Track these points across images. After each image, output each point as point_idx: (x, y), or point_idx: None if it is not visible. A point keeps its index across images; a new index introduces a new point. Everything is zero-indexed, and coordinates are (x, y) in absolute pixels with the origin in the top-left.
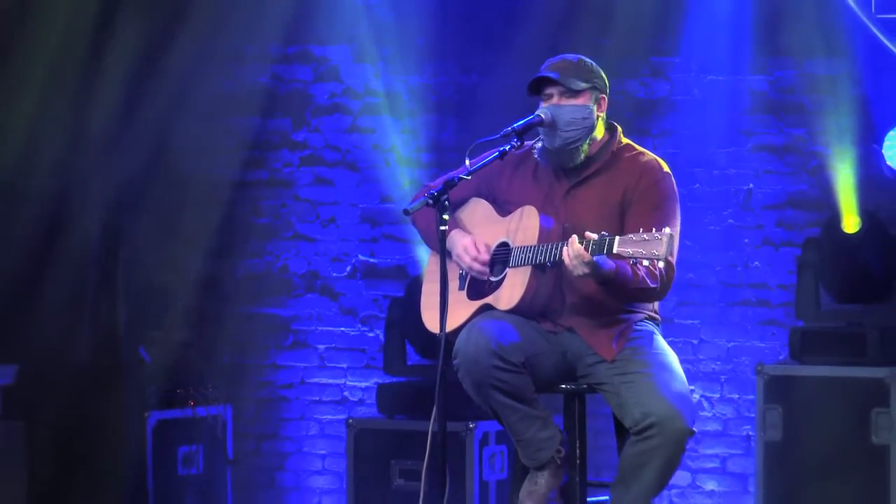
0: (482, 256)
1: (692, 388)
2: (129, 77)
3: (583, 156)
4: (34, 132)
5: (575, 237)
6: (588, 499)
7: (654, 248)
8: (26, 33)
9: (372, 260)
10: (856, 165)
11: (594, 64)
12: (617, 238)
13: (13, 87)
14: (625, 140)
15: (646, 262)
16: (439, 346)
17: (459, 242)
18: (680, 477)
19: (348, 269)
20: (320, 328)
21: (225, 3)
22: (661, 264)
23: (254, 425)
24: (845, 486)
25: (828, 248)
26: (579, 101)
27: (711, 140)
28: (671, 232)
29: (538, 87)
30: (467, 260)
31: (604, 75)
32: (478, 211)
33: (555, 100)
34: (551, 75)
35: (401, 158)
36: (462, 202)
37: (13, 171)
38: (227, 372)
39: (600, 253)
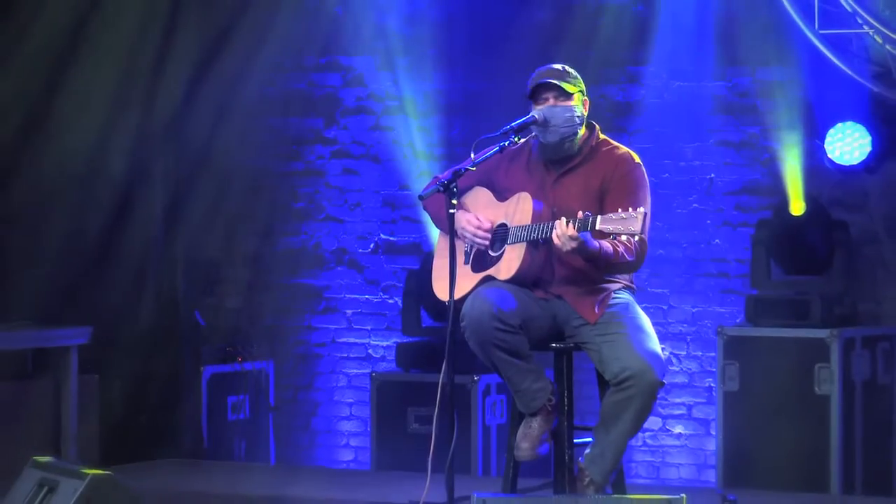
0: (484, 225)
1: (663, 346)
2: (187, 83)
3: (572, 150)
4: (107, 128)
5: (563, 218)
6: (574, 440)
7: (630, 224)
8: (101, 41)
9: (392, 238)
10: (801, 158)
11: (576, 72)
12: (599, 217)
13: (90, 89)
14: (602, 136)
15: (623, 238)
16: (448, 311)
17: (463, 218)
18: (652, 422)
19: (372, 245)
20: (348, 296)
21: (267, 22)
22: (636, 239)
23: (292, 378)
24: (793, 430)
25: (778, 228)
26: (570, 102)
27: (679, 136)
28: (645, 212)
29: (536, 92)
30: (471, 230)
31: (582, 81)
32: (480, 197)
33: (550, 102)
34: (551, 81)
35: (416, 152)
36: (467, 189)
37: (89, 162)
38: (270, 333)
39: (585, 230)
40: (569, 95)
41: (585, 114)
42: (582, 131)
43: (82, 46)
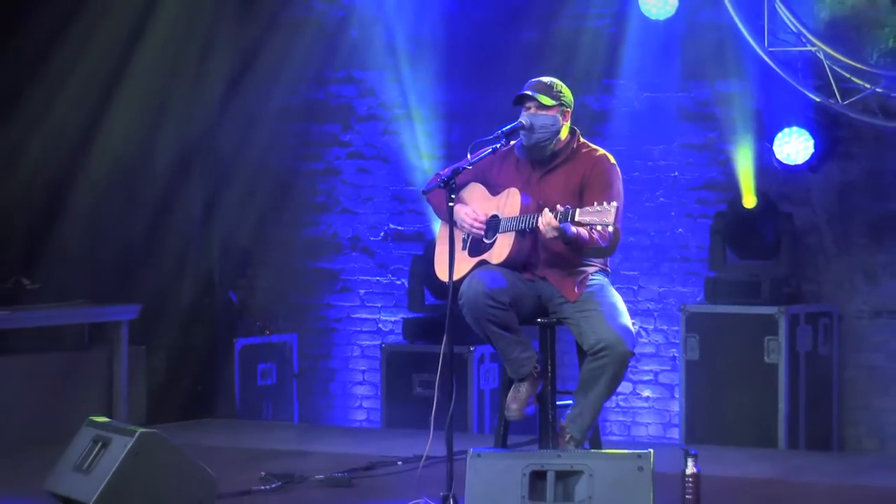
0: (479, 217)
1: (633, 321)
2: (223, 93)
3: (549, 152)
4: (154, 133)
5: (547, 210)
6: (557, 402)
7: (605, 216)
8: (148, 57)
9: (399, 228)
10: (753, 158)
11: (563, 85)
12: (578, 209)
13: (139, 99)
14: (582, 140)
15: (599, 228)
16: (448, 291)
17: (462, 211)
18: (624, 386)
19: (382, 234)
20: (361, 277)
21: (292, 41)
22: (610, 229)
23: (312, 348)
24: (745, 394)
25: (733, 219)
26: (549, 112)
27: (647, 140)
28: (617, 205)
29: (520, 100)
30: (468, 221)
31: (570, 93)
32: (476, 192)
33: (532, 110)
34: (530, 93)
35: (421, 153)
36: (464, 185)
37: (139, 162)
38: (293, 309)
39: (566, 221)
40: (547, 107)
41: (564, 123)
42: (563, 136)
43: (132, 62)
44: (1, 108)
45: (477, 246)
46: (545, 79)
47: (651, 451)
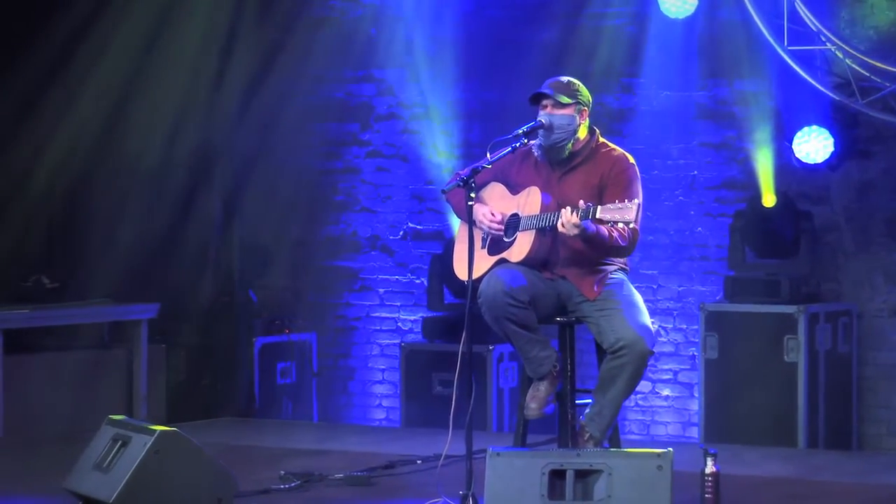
0: (497, 218)
1: (652, 320)
2: (242, 93)
3: (567, 152)
4: (174, 132)
5: (568, 208)
6: (576, 401)
7: (626, 214)
8: (169, 57)
9: (418, 227)
10: (772, 157)
11: (580, 84)
12: (599, 207)
13: (159, 98)
14: (601, 139)
15: (620, 226)
16: (468, 289)
17: (480, 211)
18: (643, 385)
19: (401, 233)
20: (380, 276)
21: (311, 40)
22: (630, 227)
23: (332, 347)
24: (765, 393)
25: (752, 218)
26: (566, 111)
27: (666, 139)
28: (639, 202)
29: (537, 98)
30: (486, 222)
31: (587, 92)
32: (496, 191)
33: (548, 109)
34: (547, 91)
35: (439, 152)
36: (484, 184)
37: (159, 161)
38: (313, 308)
39: (586, 218)
40: (563, 105)
41: (581, 122)
42: (582, 135)
43: (153, 62)
44: (22, 108)
45: (496, 244)
46: (562, 77)
47: (670, 450)
